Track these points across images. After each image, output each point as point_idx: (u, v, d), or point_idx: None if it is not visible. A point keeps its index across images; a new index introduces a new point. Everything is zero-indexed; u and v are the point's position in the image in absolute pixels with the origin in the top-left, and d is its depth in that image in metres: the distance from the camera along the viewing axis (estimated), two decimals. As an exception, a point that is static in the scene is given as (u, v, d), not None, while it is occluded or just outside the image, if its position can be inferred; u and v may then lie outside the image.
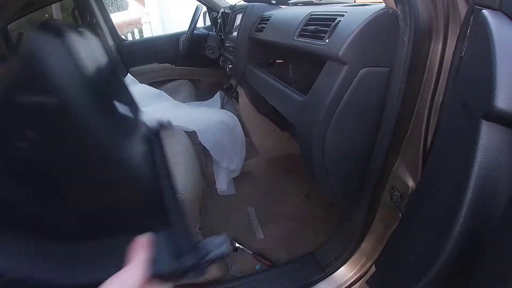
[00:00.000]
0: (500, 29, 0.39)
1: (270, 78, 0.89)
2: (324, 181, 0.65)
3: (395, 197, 0.71)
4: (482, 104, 0.38)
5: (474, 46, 0.44)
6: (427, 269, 0.45)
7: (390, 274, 0.61)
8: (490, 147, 0.38)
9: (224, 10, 1.63)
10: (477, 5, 0.44)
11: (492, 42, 0.38)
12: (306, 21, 0.75)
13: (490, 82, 0.36)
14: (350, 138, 0.61)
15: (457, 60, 0.49)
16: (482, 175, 0.39)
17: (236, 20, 1.36)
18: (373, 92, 0.57)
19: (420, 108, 0.64)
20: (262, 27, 1.05)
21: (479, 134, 0.38)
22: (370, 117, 0.60)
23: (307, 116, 0.63)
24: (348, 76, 0.55)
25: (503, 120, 0.37)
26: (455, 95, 0.49)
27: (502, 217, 0.39)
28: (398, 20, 0.52)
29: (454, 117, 0.47)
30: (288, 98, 0.73)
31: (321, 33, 0.65)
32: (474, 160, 0.39)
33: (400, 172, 0.72)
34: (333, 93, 0.56)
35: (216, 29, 1.79)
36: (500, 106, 0.36)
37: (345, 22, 0.59)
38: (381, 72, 0.56)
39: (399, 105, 0.56)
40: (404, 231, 0.58)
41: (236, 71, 1.27)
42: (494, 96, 0.36)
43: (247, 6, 1.23)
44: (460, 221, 0.40)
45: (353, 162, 0.65)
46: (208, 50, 1.70)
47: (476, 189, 0.39)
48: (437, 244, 0.44)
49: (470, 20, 0.45)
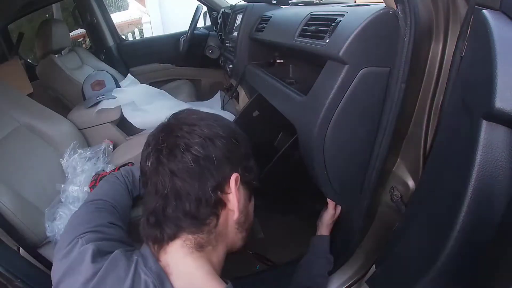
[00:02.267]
0: (500, 29, 0.39)
1: (270, 78, 0.89)
2: (324, 181, 0.65)
3: (395, 197, 0.71)
4: (482, 104, 0.38)
5: (474, 46, 0.44)
6: (427, 269, 0.45)
7: (390, 274, 0.61)
8: (490, 147, 0.38)
9: (224, 10, 1.63)
10: (477, 5, 0.44)
11: (492, 42, 0.38)
12: (307, 21, 0.75)
13: (490, 82, 0.36)
14: (350, 138, 0.61)
15: (457, 60, 0.49)
16: (482, 175, 0.39)
17: (236, 20, 1.36)
18: (373, 92, 0.57)
19: (420, 108, 0.64)
20: (262, 27, 1.05)
21: (479, 134, 0.38)
22: (370, 117, 0.60)
23: (307, 116, 0.63)
24: (348, 76, 0.55)
25: (503, 120, 0.37)
26: (455, 95, 0.49)
27: (503, 217, 0.39)
28: (398, 20, 0.52)
29: (454, 117, 0.47)
30: (288, 98, 0.73)
31: (321, 33, 0.65)
32: (474, 160, 0.39)
33: (400, 172, 0.72)
34: (333, 93, 0.56)
35: (216, 29, 1.79)
36: (500, 106, 0.36)
37: (345, 22, 0.59)
38: (381, 72, 0.56)
39: (399, 105, 0.56)
40: (404, 231, 0.58)
41: (237, 71, 1.27)
42: (494, 96, 0.36)
43: (248, 6, 1.23)
44: (460, 221, 0.40)
45: (353, 162, 0.65)
46: (209, 50, 1.70)
47: (476, 189, 0.39)
48: (437, 244, 0.44)
49: (470, 20, 0.46)
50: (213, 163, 0.44)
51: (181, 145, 0.43)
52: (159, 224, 0.44)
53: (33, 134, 1.18)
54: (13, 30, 2.16)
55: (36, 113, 1.25)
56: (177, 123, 0.46)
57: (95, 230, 0.50)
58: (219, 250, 0.48)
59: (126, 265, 0.42)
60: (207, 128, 0.45)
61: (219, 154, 0.44)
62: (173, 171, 0.43)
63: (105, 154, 1.25)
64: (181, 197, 0.43)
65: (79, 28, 2.69)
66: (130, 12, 5.50)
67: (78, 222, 0.53)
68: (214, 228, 0.46)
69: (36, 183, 1.04)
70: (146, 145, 0.47)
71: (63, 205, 1.01)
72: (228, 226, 0.48)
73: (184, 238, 0.44)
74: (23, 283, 0.74)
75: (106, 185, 0.75)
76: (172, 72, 2.25)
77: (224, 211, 0.46)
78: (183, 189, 0.43)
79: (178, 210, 0.43)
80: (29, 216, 0.92)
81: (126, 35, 4.28)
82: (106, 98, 1.48)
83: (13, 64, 1.87)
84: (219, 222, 0.46)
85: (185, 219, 0.43)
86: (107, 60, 2.17)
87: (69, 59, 1.90)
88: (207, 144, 0.44)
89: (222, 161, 0.44)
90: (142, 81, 1.97)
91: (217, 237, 0.46)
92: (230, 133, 0.47)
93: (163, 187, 0.43)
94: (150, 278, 0.41)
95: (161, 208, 0.43)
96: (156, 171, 0.44)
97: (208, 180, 0.43)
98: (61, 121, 1.31)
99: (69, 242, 0.47)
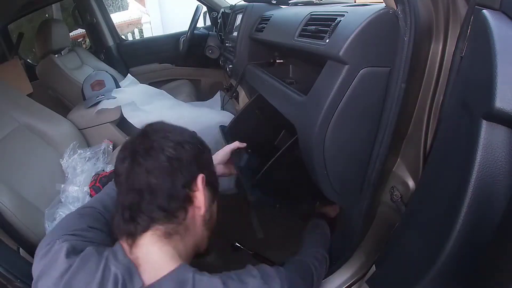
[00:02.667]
0: (500, 29, 0.39)
1: (270, 78, 0.89)
2: (324, 181, 0.65)
3: (395, 197, 0.71)
4: (482, 104, 0.38)
5: (474, 46, 0.44)
6: (427, 269, 0.45)
7: (390, 274, 0.61)
8: (490, 147, 0.38)
9: (224, 10, 1.64)
10: (477, 5, 0.44)
11: (492, 42, 0.38)
12: (307, 21, 0.75)
13: (490, 82, 0.36)
14: (350, 138, 0.61)
15: (457, 60, 0.49)
16: (482, 175, 0.39)
17: (236, 20, 1.36)
18: (373, 92, 0.57)
19: (420, 108, 0.64)
20: (262, 27, 1.05)
21: (479, 134, 0.38)
22: (370, 117, 0.60)
23: (307, 116, 0.63)
24: (349, 76, 0.55)
25: (503, 120, 0.37)
26: (455, 95, 0.49)
27: (503, 217, 0.39)
28: (398, 20, 0.52)
29: (454, 117, 0.47)
30: (288, 98, 0.73)
31: (321, 33, 0.65)
32: (474, 160, 0.39)
33: (400, 172, 0.72)
34: (333, 93, 0.56)
35: (216, 29, 1.79)
36: (500, 106, 0.36)
37: (345, 22, 0.59)
38: (381, 72, 0.56)
39: (399, 105, 0.56)
40: (404, 231, 0.58)
41: (236, 71, 1.27)
42: (494, 96, 0.36)
43: (247, 6, 1.23)
44: (460, 221, 0.40)
45: (353, 162, 0.65)
46: (208, 50, 1.70)
47: (476, 189, 0.39)
48: (437, 244, 0.44)
49: (470, 20, 0.46)
50: (183, 164, 0.50)
51: (156, 147, 0.49)
52: (133, 218, 0.48)
53: (33, 134, 1.18)
54: (13, 30, 2.16)
55: (36, 113, 1.25)
56: (151, 130, 0.53)
57: (73, 233, 0.53)
58: (187, 242, 0.52)
59: (97, 259, 0.46)
60: (178, 135, 0.52)
61: (188, 156, 0.51)
62: (148, 170, 0.48)
63: (105, 154, 1.25)
64: (155, 193, 0.48)
65: (79, 28, 2.69)
66: (130, 12, 5.50)
67: (59, 227, 0.58)
68: (183, 220, 0.51)
69: (36, 183, 1.04)
70: (123, 149, 0.52)
71: (63, 205, 1.01)
72: (196, 221, 0.53)
73: (155, 228, 0.49)
74: (23, 283, 0.74)
75: (100, 193, 0.76)
76: (172, 72, 2.25)
77: (192, 207, 0.52)
78: (157, 185, 0.48)
79: (152, 204, 0.48)
80: (29, 216, 0.92)
81: (126, 35, 4.28)
82: (106, 98, 1.48)
83: (13, 64, 1.87)
84: (187, 216, 0.51)
85: (158, 211, 0.48)
86: (107, 60, 2.17)
87: (69, 59, 1.90)
88: (179, 147, 0.50)
89: (191, 162, 0.51)
90: (142, 81, 1.97)
91: (185, 228, 0.51)
92: (197, 142, 0.55)
93: (139, 184, 0.48)
94: (120, 270, 0.45)
95: (137, 203, 0.48)
96: (132, 170, 0.49)
97: (179, 178, 0.49)
98: (61, 121, 1.31)
99: (47, 243, 0.51)
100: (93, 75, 1.60)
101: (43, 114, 1.27)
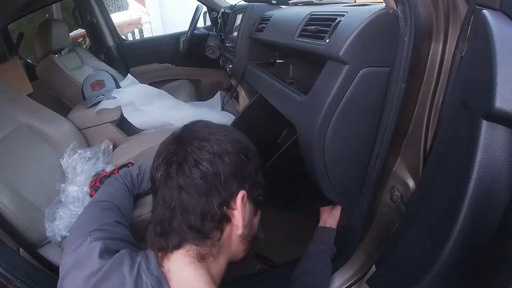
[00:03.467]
0: (500, 29, 0.39)
1: (270, 78, 0.89)
2: (324, 180, 0.65)
3: (395, 197, 0.71)
4: (482, 104, 0.38)
5: (474, 46, 0.44)
6: (427, 269, 0.45)
7: (390, 274, 0.61)
8: (490, 147, 0.38)
9: (224, 10, 1.63)
10: (478, 5, 0.44)
11: (492, 42, 0.38)
12: (307, 21, 0.75)
13: (490, 82, 0.36)
14: (350, 138, 0.62)
15: (457, 60, 0.49)
16: (482, 175, 0.39)
17: (236, 20, 1.36)
18: (373, 92, 0.57)
19: (420, 108, 0.64)
20: (262, 27, 1.05)
21: (479, 134, 0.38)
22: (371, 117, 0.60)
23: (307, 116, 0.63)
24: (349, 76, 0.55)
25: (503, 120, 0.37)
26: (455, 95, 0.49)
27: (503, 217, 0.39)
28: (398, 20, 0.52)
29: (454, 117, 0.47)
30: (288, 98, 0.73)
31: (321, 33, 0.65)
32: (474, 160, 0.39)
33: (400, 172, 0.72)
34: (333, 93, 0.56)
35: (216, 29, 1.79)
36: (500, 106, 0.36)
37: (345, 22, 0.59)
38: (381, 72, 0.56)
39: (399, 105, 0.56)
40: (404, 231, 0.58)
41: (237, 71, 1.27)
42: (494, 96, 0.36)
43: (248, 6, 1.23)
44: (461, 221, 0.40)
45: (353, 162, 0.65)
46: (208, 50, 1.70)
47: (476, 189, 0.39)
48: (437, 244, 0.44)
49: (470, 20, 0.46)
50: (221, 180, 0.45)
51: (190, 160, 0.44)
52: (165, 234, 0.45)
53: (33, 134, 1.18)
54: (13, 30, 2.16)
55: (36, 113, 1.25)
56: (188, 136, 0.47)
57: (102, 228, 0.53)
58: (220, 261, 0.49)
59: (130, 265, 0.44)
60: (217, 143, 0.46)
61: (227, 171, 0.45)
62: (181, 186, 0.44)
63: (105, 154, 1.25)
64: (187, 211, 0.44)
65: (79, 28, 2.69)
66: (130, 12, 5.50)
67: (86, 220, 0.57)
68: (218, 241, 0.47)
69: (36, 183, 1.04)
70: (157, 155, 0.48)
71: (63, 205, 1.01)
72: (232, 239, 0.49)
73: (187, 248, 0.45)
74: (23, 283, 0.74)
75: (110, 188, 0.76)
76: (172, 72, 2.25)
77: (229, 225, 0.47)
78: (189, 203, 0.44)
79: (184, 223, 0.44)
80: (29, 216, 0.92)
81: (126, 35, 4.28)
82: (106, 98, 1.48)
83: (13, 64, 1.87)
84: (222, 236, 0.47)
85: (189, 232, 0.44)
86: (107, 60, 2.17)
87: (69, 59, 1.90)
88: (216, 160, 0.45)
89: (229, 178, 0.46)
90: (142, 81, 1.97)
91: (219, 249, 0.48)
92: (240, 149, 0.48)
93: (171, 200, 0.44)
94: (151, 280, 0.42)
95: (167, 220, 0.45)
96: (165, 183, 0.45)
97: (214, 196, 0.45)
98: (61, 121, 1.31)
99: (78, 238, 0.50)
100: (93, 75, 1.60)
101: (43, 114, 1.27)
